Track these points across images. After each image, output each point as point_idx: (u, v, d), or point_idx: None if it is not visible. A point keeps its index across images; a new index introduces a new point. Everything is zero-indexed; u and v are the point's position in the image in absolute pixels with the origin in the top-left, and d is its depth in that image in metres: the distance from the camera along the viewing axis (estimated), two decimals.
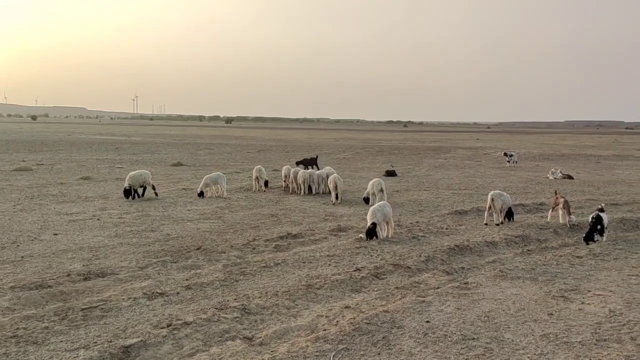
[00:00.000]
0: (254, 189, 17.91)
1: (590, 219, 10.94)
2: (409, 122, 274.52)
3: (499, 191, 13.05)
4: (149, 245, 10.10)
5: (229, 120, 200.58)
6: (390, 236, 10.90)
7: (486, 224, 12.38)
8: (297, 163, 23.46)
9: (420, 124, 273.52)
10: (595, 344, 5.87)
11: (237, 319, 6.57)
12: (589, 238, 10.69)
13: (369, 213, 10.78)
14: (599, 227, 10.66)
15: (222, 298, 7.32)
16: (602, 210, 11.09)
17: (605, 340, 5.98)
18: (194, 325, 6.32)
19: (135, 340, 5.86)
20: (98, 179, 20.18)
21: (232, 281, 8.05)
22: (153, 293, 7.40)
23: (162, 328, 6.22)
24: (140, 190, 15.87)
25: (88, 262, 8.94)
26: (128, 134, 62.55)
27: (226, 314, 6.68)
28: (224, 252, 9.62)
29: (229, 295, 7.42)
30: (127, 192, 15.49)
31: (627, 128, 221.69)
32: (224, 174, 17.77)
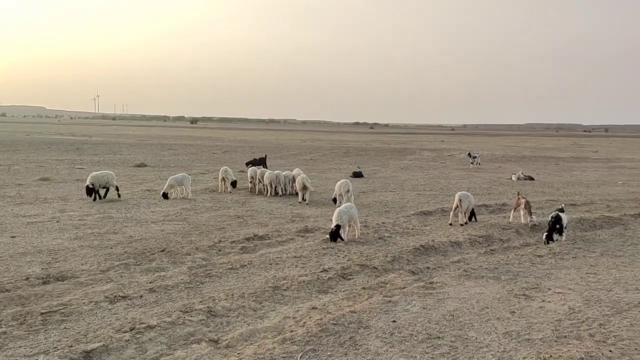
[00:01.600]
0: (219, 190, 17.73)
1: (549, 219, 11.23)
2: (375, 124, 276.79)
3: (466, 192, 13.27)
4: (111, 248, 9.87)
5: (193, 120, 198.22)
6: (357, 237, 10.94)
7: (451, 224, 12.56)
8: (247, 164, 23.32)
9: (386, 125, 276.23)
10: (556, 341, 6.02)
11: (202, 322, 6.47)
12: (548, 237, 10.98)
13: (335, 215, 10.77)
14: (557, 226, 10.95)
15: (187, 301, 7.20)
16: (561, 210, 11.41)
17: (565, 337, 6.15)
18: (158, 328, 6.20)
19: (96, 344, 5.71)
20: (57, 180, 19.60)
21: (198, 283, 7.93)
22: (115, 296, 7.23)
23: (125, 332, 6.08)
24: (102, 192, 15.49)
25: (47, 265, 8.67)
26: (89, 134, 61.04)
27: (191, 316, 6.58)
28: (189, 254, 9.47)
29: (194, 298, 7.31)
30: (90, 191, 15.10)
31: (585, 131, 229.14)
32: (189, 175, 17.54)
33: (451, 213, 12.87)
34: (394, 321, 6.53)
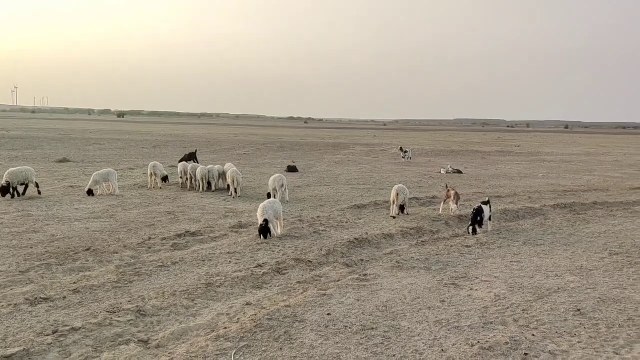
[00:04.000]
0: (149, 186, 17.16)
1: (472, 211, 11.68)
2: (309, 118, 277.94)
3: (403, 185, 13.55)
4: (31, 248, 9.29)
5: (121, 114, 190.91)
6: (280, 233, 10.73)
7: (394, 217, 12.79)
8: (180, 161, 22.64)
9: (320, 120, 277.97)
10: (483, 327, 6.25)
11: (131, 322, 6.22)
12: (472, 229, 11.40)
13: (259, 210, 10.48)
14: (479, 218, 11.39)
15: (114, 301, 6.90)
16: (486, 202, 11.86)
17: (491, 323, 6.40)
18: (83, 330, 5.91)
19: (17, 349, 5.37)
20: None
21: (126, 282, 7.62)
22: (36, 298, 6.82)
23: (47, 335, 5.75)
24: (21, 189, 14.59)
25: None
26: (6, 128, 57.31)
27: (119, 317, 6.31)
28: (117, 253, 9.09)
29: (123, 298, 7.02)
30: (5, 190, 14.19)
31: (508, 126, 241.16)
32: (116, 170, 16.85)
33: (392, 206, 13.09)
34: (328, 314, 6.55)
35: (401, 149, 32.68)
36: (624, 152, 46.99)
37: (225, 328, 6.07)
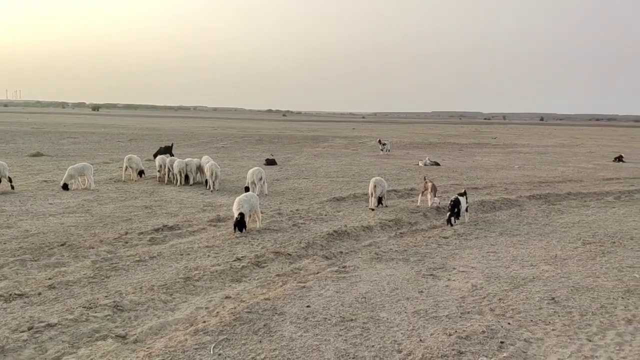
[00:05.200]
0: (123, 179, 16.95)
1: (449, 202, 11.81)
2: (287, 111, 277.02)
3: (380, 177, 13.62)
4: (4, 244, 9.10)
5: (96, 107, 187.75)
6: (258, 228, 10.64)
7: (372, 209, 12.85)
8: (155, 155, 22.33)
9: (299, 113, 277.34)
10: (460, 317, 6.34)
11: (108, 317, 6.16)
12: (449, 220, 11.54)
13: (235, 204, 10.36)
14: (456, 210, 11.52)
15: (91, 296, 6.81)
16: (462, 194, 11.99)
17: (468, 312, 6.49)
18: (59, 326, 5.83)
19: None
20: None
21: (103, 278, 7.53)
22: (11, 295, 6.69)
23: (23, 332, 5.66)
24: None
25: None
26: None
27: (96, 312, 6.24)
28: (93, 248, 8.96)
29: (99, 293, 6.93)
30: None
31: (485, 119, 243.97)
32: (91, 164, 16.58)
33: (370, 198, 13.15)
34: (308, 306, 6.57)
35: (380, 141, 32.81)
36: (597, 143, 47.94)
37: (204, 322, 6.05)
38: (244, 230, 10.16)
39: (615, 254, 9.33)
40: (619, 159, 28.22)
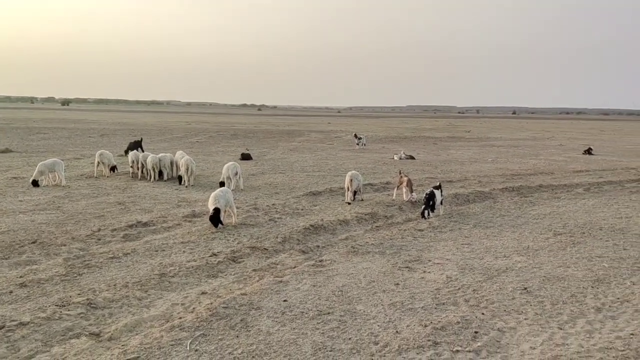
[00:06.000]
0: (95, 175, 16.67)
1: (424, 196, 11.93)
2: (262, 105, 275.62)
3: (356, 172, 13.67)
4: None
5: (65, 102, 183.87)
6: (234, 223, 10.56)
7: (349, 203, 12.89)
8: (126, 151, 22.03)
9: (274, 107, 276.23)
10: (435, 308, 6.43)
11: (81, 315, 6.06)
12: (423, 214, 11.66)
13: (211, 199, 10.29)
14: (431, 203, 11.65)
15: (63, 294, 6.69)
16: (437, 187, 12.12)
17: (443, 303, 6.58)
18: (32, 325, 5.72)
19: None
20: None
21: (75, 275, 7.40)
22: None
23: None
24: None
25: None
26: None
27: (69, 310, 6.14)
28: (65, 245, 8.80)
29: (72, 291, 6.81)
30: None
31: (459, 112, 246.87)
32: (62, 160, 16.25)
33: (346, 193, 13.20)
34: (285, 300, 6.57)
35: (355, 135, 32.90)
36: (567, 136, 48.94)
37: (180, 318, 6.00)
38: (219, 225, 10.08)
39: (585, 244, 9.56)
40: (588, 151, 28.87)
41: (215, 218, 10.04)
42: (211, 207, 10.13)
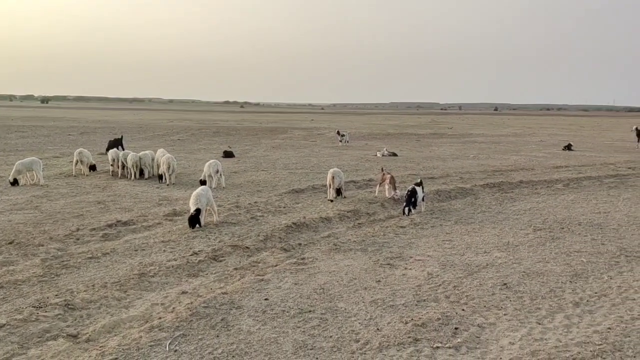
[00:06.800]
0: (74, 174, 16.44)
1: (406, 193, 11.97)
2: (245, 102, 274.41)
3: (338, 169, 13.66)
4: None
5: (45, 99, 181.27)
6: (215, 222, 10.44)
7: (331, 200, 12.88)
8: (107, 149, 21.66)
9: (257, 105, 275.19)
10: (416, 305, 6.45)
11: (59, 317, 5.97)
12: (405, 210, 11.70)
13: (192, 198, 10.16)
14: (413, 199, 11.70)
15: (40, 295, 6.59)
16: (419, 184, 12.17)
17: (424, 300, 6.61)
18: (8, 327, 5.63)
19: None
20: None
21: (53, 276, 7.29)
22: None
23: None
24: None
25: None
26: None
27: (46, 312, 6.04)
28: (42, 245, 8.66)
29: (49, 292, 6.71)
30: None
31: (441, 109, 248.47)
32: (40, 159, 16.00)
33: (328, 190, 13.19)
34: (266, 299, 6.55)
35: (338, 132, 32.90)
36: (548, 132, 49.50)
37: (160, 318, 5.94)
38: (197, 226, 9.96)
39: (564, 240, 9.68)
40: (568, 147, 29.23)
41: (195, 219, 9.91)
42: (192, 207, 10.02)
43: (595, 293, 6.93)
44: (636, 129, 32.61)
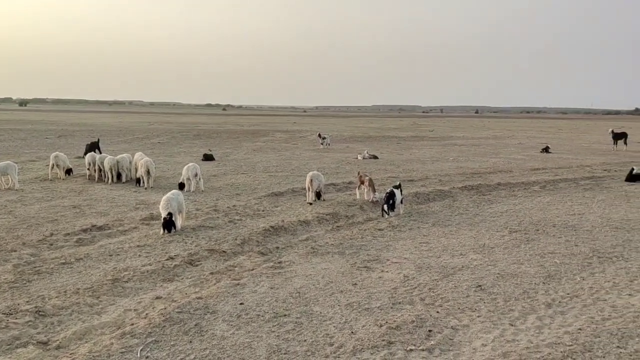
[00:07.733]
0: (50, 178, 16.20)
1: (384, 195, 12.03)
2: (228, 105, 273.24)
3: (317, 172, 13.67)
4: None
5: (23, 102, 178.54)
6: (181, 225, 10.25)
7: (310, 203, 12.87)
8: (85, 153, 21.36)
9: (240, 107, 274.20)
10: (392, 307, 6.48)
11: (29, 323, 5.87)
12: (384, 212, 11.76)
13: (163, 202, 9.98)
14: (391, 202, 11.75)
15: (11, 302, 6.47)
16: (397, 186, 12.23)
17: (400, 302, 6.64)
18: None
19: None
20: None
21: (24, 282, 7.17)
22: None
23: None
24: None
25: None
26: None
27: (16, 319, 5.94)
28: (15, 251, 8.51)
29: (20, 298, 6.59)
30: None
31: (423, 112, 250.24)
32: (16, 163, 15.73)
33: (307, 193, 13.19)
34: (241, 303, 6.52)
35: (319, 135, 32.93)
36: (527, 135, 50.13)
37: (132, 324, 5.87)
38: (173, 230, 9.88)
39: (539, 241, 9.80)
40: (546, 149, 29.63)
41: (170, 223, 9.81)
42: (164, 212, 9.86)
43: (568, 294, 7.03)
44: (612, 131, 33.24)
